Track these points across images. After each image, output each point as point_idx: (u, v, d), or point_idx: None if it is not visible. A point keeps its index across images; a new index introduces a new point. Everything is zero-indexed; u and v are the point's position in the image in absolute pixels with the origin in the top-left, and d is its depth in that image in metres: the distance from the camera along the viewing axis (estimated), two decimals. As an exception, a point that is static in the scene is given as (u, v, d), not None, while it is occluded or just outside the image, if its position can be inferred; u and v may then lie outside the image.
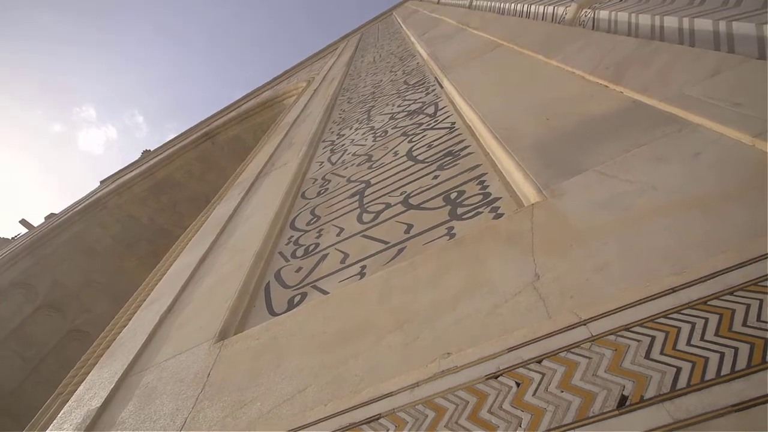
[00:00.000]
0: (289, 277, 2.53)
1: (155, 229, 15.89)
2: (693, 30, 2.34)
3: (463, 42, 5.21)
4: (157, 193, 15.40)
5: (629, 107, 1.98)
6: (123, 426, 1.93)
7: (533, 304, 1.32)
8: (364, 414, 1.27)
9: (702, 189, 1.36)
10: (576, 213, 1.57)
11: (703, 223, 1.24)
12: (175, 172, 15.00)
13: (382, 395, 1.29)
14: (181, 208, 15.59)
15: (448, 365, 1.27)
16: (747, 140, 1.42)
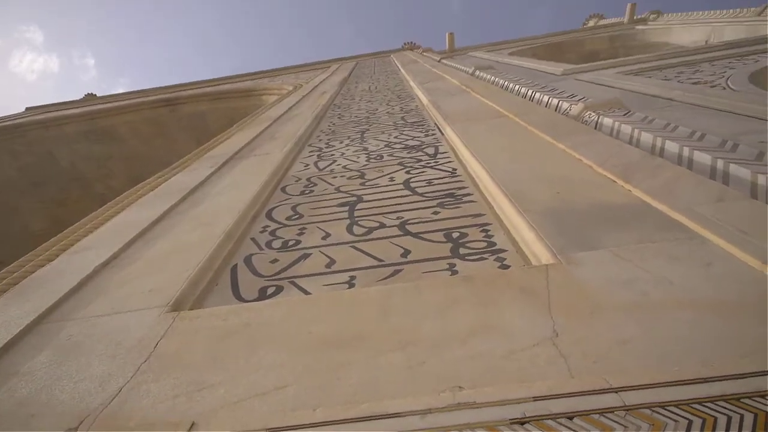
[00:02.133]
0: (263, 266, 2.34)
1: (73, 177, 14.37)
2: (692, 159, 2.62)
3: (466, 102, 5.45)
4: (91, 140, 14.07)
5: (639, 206, 2.14)
6: (31, 378, 1.60)
7: (553, 359, 1.31)
8: (366, 429, 1.15)
9: (718, 295, 1.46)
10: (594, 285, 1.61)
11: (724, 326, 1.32)
12: (120, 127, 13.86)
13: (387, 414, 1.18)
14: (112, 165, 14.30)
15: (464, 399, 1.20)
16: (756, 265, 1.57)
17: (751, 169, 2.27)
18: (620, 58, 8.75)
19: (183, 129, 14.26)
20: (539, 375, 1.25)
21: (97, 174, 14.34)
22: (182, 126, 14.34)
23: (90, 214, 3.57)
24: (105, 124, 13.87)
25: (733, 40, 8.87)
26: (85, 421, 1.35)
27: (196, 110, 14.24)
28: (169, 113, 14.29)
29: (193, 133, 14.57)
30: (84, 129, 13.79)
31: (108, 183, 14.53)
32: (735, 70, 6.08)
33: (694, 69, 6.57)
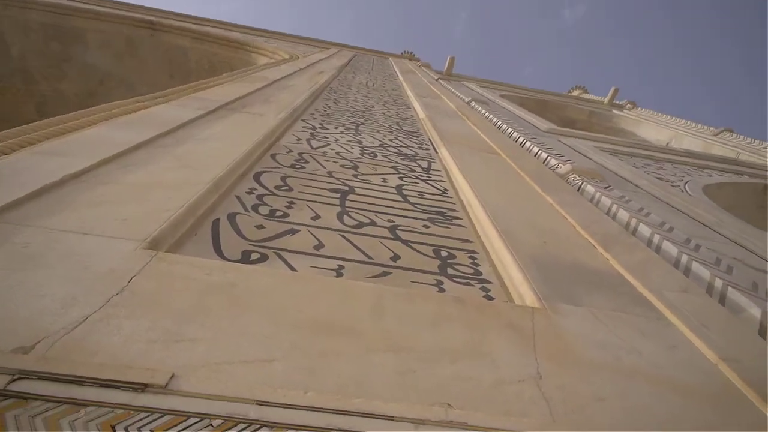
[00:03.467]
0: (247, 228, 2.24)
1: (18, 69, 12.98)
2: (660, 247, 2.85)
3: (463, 128, 5.58)
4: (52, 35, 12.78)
5: (616, 276, 2.29)
6: (-24, 279, 1.42)
7: (536, 399, 1.36)
8: (357, 425, 1.13)
9: (680, 378, 1.60)
10: (574, 338, 1.70)
11: (684, 406, 1.45)
12: (93, 34, 12.72)
13: (379, 414, 1.17)
14: (68, 69, 13.07)
15: (457, 417, 1.22)
16: (713, 358, 1.73)
17: (710, 272, 2.51)
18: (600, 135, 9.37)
19: (159, 58, 13.35)
20: (523, 411, 1.30)
21: (47, 73, 13.03)
22: (159, 55, 13.43)
23: (53, 117, 3.23)
24: (75, 25, 12.65)
25: (691, 150, 9.80)
26: (42, 342, 1.22)
27: (178, 44, 13.40)
28: (149, 37, 13.33)
29: (169, 66, 13.69)
30: (49, 21, 12.49)
31: (56, 86, 13.24)
32: (692, 177, 6.71)
33: (658, 165, 7.17)
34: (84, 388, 1.08)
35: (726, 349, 1.79)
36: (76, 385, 1.09)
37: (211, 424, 1.06)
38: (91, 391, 1.08)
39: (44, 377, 1.09)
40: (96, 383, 1.10)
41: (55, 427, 0.98)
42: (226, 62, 13.31)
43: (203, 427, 1.05)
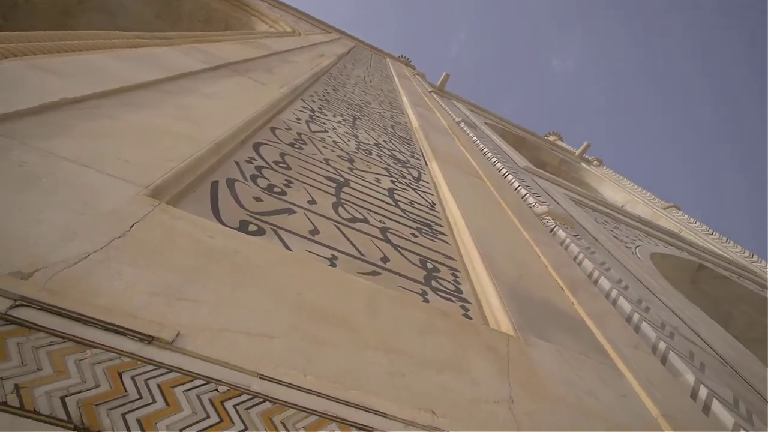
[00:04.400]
0: (246, 198, 2.20)
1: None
2: (617, 301, 3.07)
3: (452, 147, 5.72)
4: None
5: (581, 322, 2.45)
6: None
7: (509, 421, 1.45)
8: (354, 417, 1.16)
9: (629, 424, 1.75)
10: (543, 371, 1.82)
11: (633, 452, 1.59)
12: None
13: (373, 409, 1.21)
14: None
15: (441, 425, 1.27)
16: (655, 412, 1.91)
17: (656, 334, 2.74)
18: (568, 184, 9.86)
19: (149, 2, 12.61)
20: (498, 430, 1.38)
21: None
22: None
23: (51, 32, 3.01)
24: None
25: (643, 218, 10.54)
26: (41, 272, 1.16)
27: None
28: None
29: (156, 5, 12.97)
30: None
31: (19, 17, 12.16)
32: (642, 243, 7.23)
33: (615, 224, 7.67)
34: (89, 329, 1.04)
35: (665, 406, 1.97)
36: (80, 323, 1.05)
37: (216, 390, 1.05)
38: (97, 333, 1.05)
39: (48, 309, 1.04)
40: (101, 326, 1.06)
41: (60, 363, 0.94)
42: (223, 19, 12.82)
43: (209, 390, 1.04)
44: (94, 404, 0.90)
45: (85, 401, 0.90)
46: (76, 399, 0.89)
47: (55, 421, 0.84)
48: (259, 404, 1.07)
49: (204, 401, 1.01)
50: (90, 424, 0.86)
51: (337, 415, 1.14)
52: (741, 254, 11.87)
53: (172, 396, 0.99)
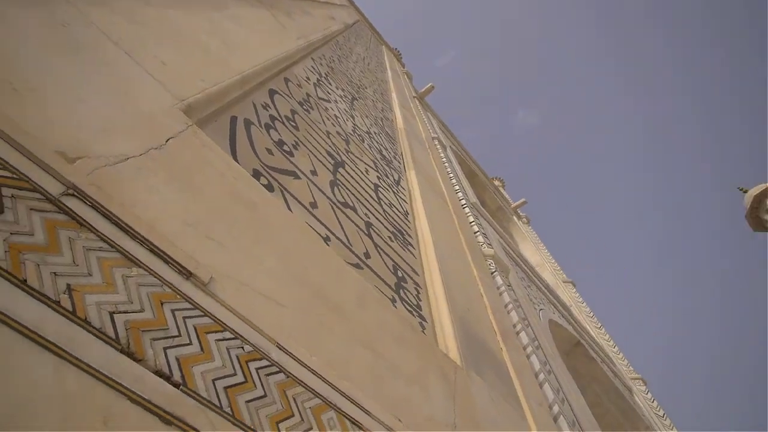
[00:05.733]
0: (260, 147, 2.12)
1: None
2: (530, 357, 3.40)
3: (428, 162, 5.87)
4: None
5: (505, 367, 2.69)
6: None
7: (452, 445, 1.58)
8: (348, 409, 1.20)
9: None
10: (479, 407, 1.98)
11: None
12: None
13: (362, 406, 1.26)
14: None
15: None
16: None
17: (553, 396, 3.09)
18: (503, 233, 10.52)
19: None
20: (445, 452, 1.50)
21: None
22: None
23: None
24: None
25: (549, 285, 11.58)
26: (84, 161, 1.06)
27: None
28: None
29: None
30: None
31: None
32: (545, 308, 7.97)
33: (529, 283, 8.36)
34: (134, 244, 0.98)
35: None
36: (127, 236, 0.98)
37: (242, 348, 1.04)
38: (141, 251, 0.98)
39: (96, 207, 0.96)
40: (146, 244, 1.00)
41: (109, 275, 0.88)
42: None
43: (236, 347, 1.03)
44: (141, 330, 0.86)
45: (132, 324, 0.85)
46: (124, 319, 0.84)
47: (105, 337, 0.79)
48: (276, 374, 1.07)
49: (232, 357, 1.00)
50: (135, 350, 0.82)
51: (335, 403, 1.18)
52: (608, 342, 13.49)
53: (206, 343, 0.96)
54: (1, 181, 0.83)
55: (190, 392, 0.85)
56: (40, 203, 0.87)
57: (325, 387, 1.19)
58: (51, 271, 0.80)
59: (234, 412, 0.90)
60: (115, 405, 0.74)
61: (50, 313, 0.75)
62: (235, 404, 0.92)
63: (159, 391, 0.80)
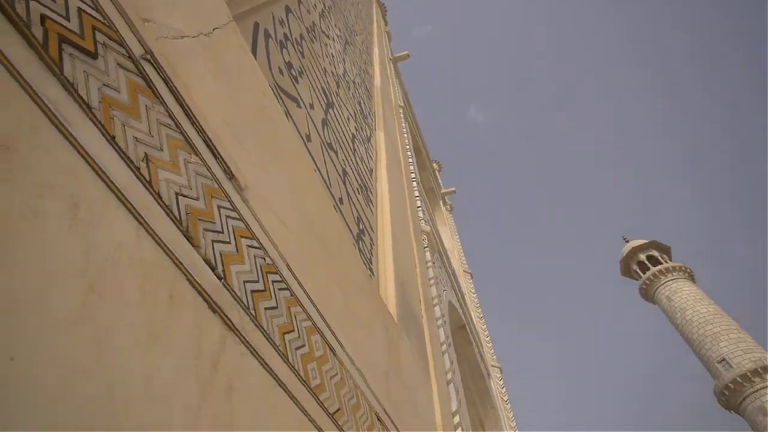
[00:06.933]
0: (274, 64, 2.06)
1: None
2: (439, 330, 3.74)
3: (393, 128, 5.93)
4: None
5: (423, 335, 2.96)
6: None
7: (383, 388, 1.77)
8: (327, 336, 1.31)
9: (425, 424, 2.26)
10: (404, 364, 2.20)
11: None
12: None
13: (337, 338, 1.37)
14: None
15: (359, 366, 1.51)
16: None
17: (449, 365, 3.47)
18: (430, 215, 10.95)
19: None
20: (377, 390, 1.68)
21: None
22: None
23: None
24: None
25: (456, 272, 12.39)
26: (151, 25, 1.00)
27: None
28: None
29: None
30: None
31: None
32: (447, 290, 8.60)
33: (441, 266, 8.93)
34: (193, 131, 0.96)
35: (446, 417, 2.58)
36: (188, 120, 0.96)
37: (264, 259, 1.08)
38: (198, 140, 0.97)
39: (167, 81, 0.92)
40: (202, 134, 0.99)
41: (174, 155, 0.87)
42: None
43: (261, 256, 1.07)
44: (198, 218, 0.87)
45: (191, 210, 0.86)
46: (185, 203, 0.85)
47: (172, 216, 0.80)
48: (284, 290, 1.14)
49: (257, 265, 1.04)
50: (192, 235, 0.84)
51: (321, 329, 1.27)
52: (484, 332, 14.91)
53: (240, 246, 1.00)
54: (96, 24, 0.77)
55: (228, 288, 0.90)
56: (125, 60, 0.82)
57: (315, 313, 1.28)
58: (133, 135, 0.78)
59: (257, 315, 0.97)
60: (178, 283, 0.77)
61: (133, 177, 0.74)
62: (258, 309, 0.98)
63: (207, 280, 0.84)
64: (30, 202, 0.56)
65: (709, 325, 23.47)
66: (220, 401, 0.75)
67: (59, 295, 0.55)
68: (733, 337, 22.44)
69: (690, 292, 25.85)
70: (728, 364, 21.49)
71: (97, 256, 0.63)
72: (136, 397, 0.59)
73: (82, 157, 0.66)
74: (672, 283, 26.92)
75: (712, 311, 24.19)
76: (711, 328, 23.30)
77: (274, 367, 0.96)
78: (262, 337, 0.95)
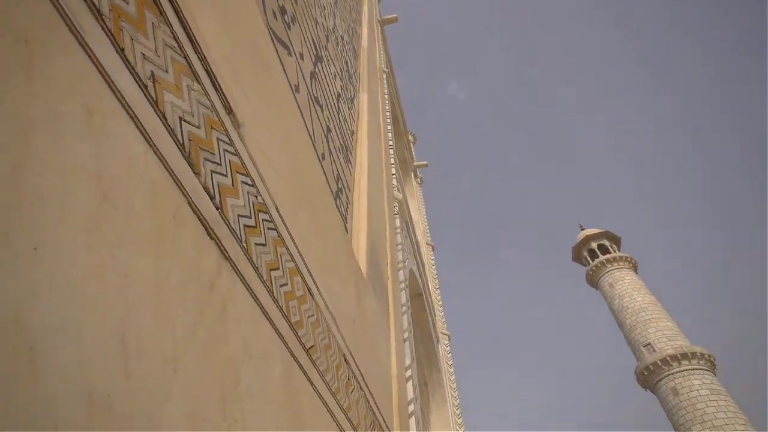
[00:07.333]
0: (269, 6, 1.98)
1: None
2: (401, 293, 3.88)
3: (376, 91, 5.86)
4: None
5: (386, 292, 3.07)
6: None
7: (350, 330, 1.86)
8: (307, 280, 1.35)
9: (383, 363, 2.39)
10: (368, 313, 2.30)
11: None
12: None
13: (315, 282, 1.42)
14: None
15: (332, 308, 1.57)
16: (397, 378, 2.63)
17: (407, 327, 3.63)
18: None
19: None
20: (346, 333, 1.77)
21: None
22: None
23: None
24: None
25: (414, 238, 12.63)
26: None
27: None
28: None
29: None
30: None
31: None
32: (409, 259, 8.80)
33: (406, 235, 9.09)
34: (197, 58, 0.95)
35: (401, 359, 2.73)
36: (192, 47, 0.94)
37: (256, 197, 1.10)
38: (201, 69, 0.96)
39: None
40: (205, 63, 0.97)
41: (178, 80, 0.87)
42: None
43: (253, 194, 1.09)
44: (199, 146, 0.88)
45: (193, 137, 0.87)
46: (187, 129, 0.86)
47: (175, 139, 0.81)
48: (272, 230, 1.17)
49: (250, 202, 1.06)
50: (194, 162, 0.85)
51: (302, 272, 1.32)
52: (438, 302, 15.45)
53: (236, 180, 1.01)
54: (111, -70, 0.74)
55: (224, 219, 0.92)
56: (134, -28, 0.80)
57: (298, 256, 1.32)
58: (141, 51, 0.77)
59: (248, 249, 1.00)
60: (181, 205, 0.78)
61: (141, 95, 0.74)
62: (249, 243, 1.01)
63: (206, 207, 0.86)
64: (49, 101, 0.56)
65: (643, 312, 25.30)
66: (216, 320, 0.79)
67: (77, 197, 0.56)
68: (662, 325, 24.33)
69: (631, 281, 27.61)
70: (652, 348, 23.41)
71: (111, 167, 0.64)
72: (144, 302, 0.62)
73: (95, 65, 0.66)
74: (616, 271, 28.61)
75: (647, 300, 26.03)
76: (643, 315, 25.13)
77: (262, 299, 1.00)
78: (252, 271, 0.99)
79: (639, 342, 24.35)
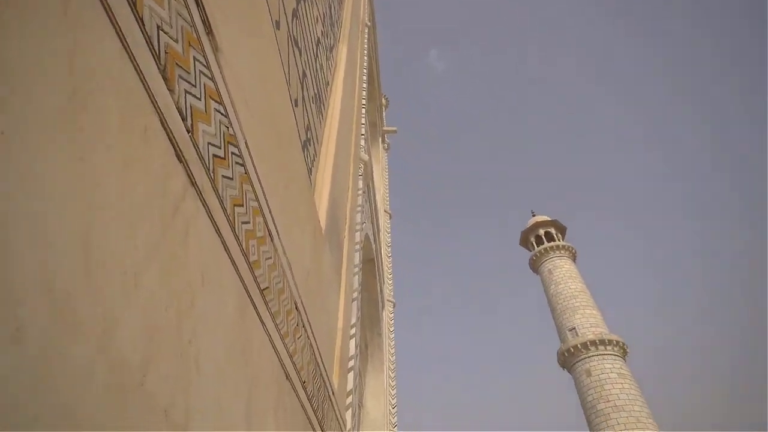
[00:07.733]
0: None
1: None
2: (355, 255, 3.93)
3: (354, 45, 5.68)
4: None
5: (341, 249, 3.11)
6: None
7: (302, 281, 1.88)
8: (269, 222, 1.34)
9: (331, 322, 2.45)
10: (324, 268, 2.32)
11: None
12: None
13: (276, 225, 1.42)
14: None
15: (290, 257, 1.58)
16: (342, 331, 2.70)
17: (358, 288, 3.71)
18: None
19: None
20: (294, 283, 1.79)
21: None
22: None
23: None
24: None
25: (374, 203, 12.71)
26: None
27: None
28: None
29: None
30: None
31: None
32: (366, 224, 8.87)
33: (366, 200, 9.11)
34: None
35: (347, 320, 2.81)
36: (178, -46, 0.87)
37: (227, 128, 1.07)
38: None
39: None
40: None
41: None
42: None
43: (225, 124, 1.05)
44: (175, 62, 0.83)
45: (169, 50, 0.82)
46: (165, 41, 0.81)
47: (151, 49, 0.76)
48: (240, 165, 1.14)
49: (221, 132, 1.03)
50: (169, 77, 0.81)
51: (264, 213, 1.31)
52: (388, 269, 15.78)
53: (209, 106, 0.97)
54: None
55: (194, 143, 0.89)
56: None
57: (262, 197, 1.30)
58: (123, -53, 0.70)
59: (215, 179, 0.97)
60: (152, 122, 0.75)
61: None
62: (216, 174, 0.98)
63: (177, 128, 0.83)
64: (21, -22, 0.51)
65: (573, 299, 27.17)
66: (178, 242, 0.78)
67: (47, 88, 0.53)
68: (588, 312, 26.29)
69: (568, 270, 29.38)
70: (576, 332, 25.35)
71: (83, 63, 0.60)
72: (110, 210, 0.60)
73: (72, -50, 0.60)
74: (557, 259, 30.29)
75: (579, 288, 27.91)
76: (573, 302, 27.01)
77: (224, 233, 0.99)
78: (217, 202, 0.97)
79: (566, 326, 26.23)
